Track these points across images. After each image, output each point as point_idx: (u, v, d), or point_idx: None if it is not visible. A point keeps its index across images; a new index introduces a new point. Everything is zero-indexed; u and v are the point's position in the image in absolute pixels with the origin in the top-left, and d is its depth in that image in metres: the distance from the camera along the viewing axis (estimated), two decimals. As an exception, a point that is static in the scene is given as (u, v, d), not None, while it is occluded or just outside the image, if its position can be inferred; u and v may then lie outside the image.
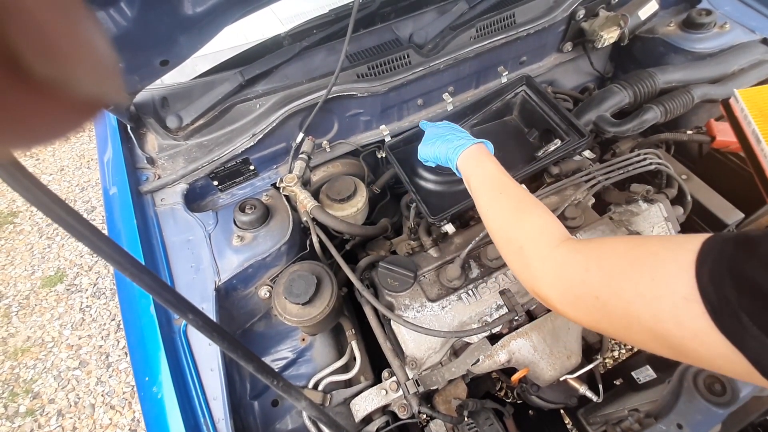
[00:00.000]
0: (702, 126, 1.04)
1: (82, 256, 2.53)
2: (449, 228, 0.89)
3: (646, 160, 0.94)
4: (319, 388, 0.86)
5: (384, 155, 1.11)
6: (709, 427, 0.75)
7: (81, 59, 0.15)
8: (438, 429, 0.80)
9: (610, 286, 0.42)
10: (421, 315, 0.80)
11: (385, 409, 0.82)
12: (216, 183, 1.01)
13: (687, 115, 1.07)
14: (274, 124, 0.96)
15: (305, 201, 0.89)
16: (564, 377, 0.79)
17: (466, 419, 0.77)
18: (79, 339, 2.18)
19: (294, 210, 0.96)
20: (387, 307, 0.80)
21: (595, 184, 0.93)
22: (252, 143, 0.96)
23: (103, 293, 2.36)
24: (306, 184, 0.96)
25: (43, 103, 0.14)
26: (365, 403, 0.80)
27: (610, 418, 0.86)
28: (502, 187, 0.65)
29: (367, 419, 0.82)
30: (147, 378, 0.75)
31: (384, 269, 0.82)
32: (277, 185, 0.95)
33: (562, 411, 1.12)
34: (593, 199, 0.96)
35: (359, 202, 0.98)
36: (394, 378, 0.80)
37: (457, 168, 0.75)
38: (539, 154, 0.96)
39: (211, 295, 0.82)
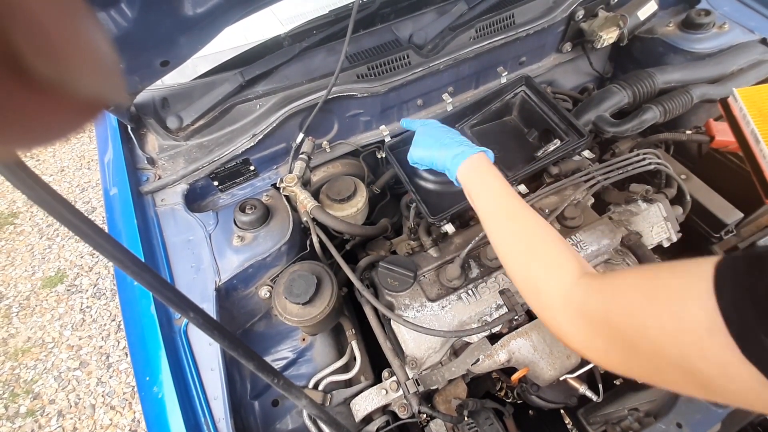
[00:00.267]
0: (701, 126, 1.04)
1: (82, 257, 2.53)
2: (449, 228, 0.89)
3: (645, 160, 0.94)
4: (320, 388, 0.86)
5: (384, 155, 1.11)
6: (708, 427, 0.75)
7: (82, 60, 0.15)
8: (438, 429, 0.80)
9: (633, 325, 0.40)
10: (421, 315, 0.81)
11: (385, 409, 0.82)
12: (216, 183, 1.01)
13: (686, 115, 1.07)
14: (275, 125, 0.96)
15: (305, 201, 0.89)
16: (564, 377, 0.79)
17: (466, 419, 0.77)
18: (80, 339, 2.18)
19: (294, 210, 0.96)
20: (387, 307, 0.80)
21: (594, 184, 0.93)
22: (252, 144, 0.96)
23: (104, 294, 2.36)
24: (306, 184, 0.96)
25: (44, 104, 0.14)
26: (365, 403, 0.80)
27: (610, 417, 0.86)
28: (510, 212, 0.63)
29: (368, 419, 0.82)
30: (147, 378, 0.75)
31: (384, 269, 0.82)
32: (277, 185, 0.95)
33: (562, 411, 1.12)
34: (593, 199, 0.96)
35: (359, 202, 0.98)
36: (394, 378, 0.80)
37: (456, 179, 0.73)
38: (539, 154, 0.96)
39: (211, 295, 0.82)
